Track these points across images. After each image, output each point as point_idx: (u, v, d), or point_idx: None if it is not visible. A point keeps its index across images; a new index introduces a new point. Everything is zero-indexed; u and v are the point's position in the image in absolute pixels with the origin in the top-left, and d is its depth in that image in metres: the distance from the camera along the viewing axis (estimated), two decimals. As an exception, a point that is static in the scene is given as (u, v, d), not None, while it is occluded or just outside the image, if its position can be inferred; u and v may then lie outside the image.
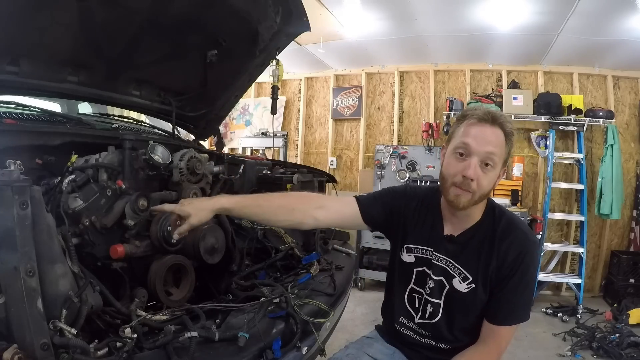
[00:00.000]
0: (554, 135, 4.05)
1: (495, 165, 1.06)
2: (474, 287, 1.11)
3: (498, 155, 1.06)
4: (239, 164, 1.83)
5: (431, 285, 1.17)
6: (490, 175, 1.07)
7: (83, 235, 1.17)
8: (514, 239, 1.10)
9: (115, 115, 2.26)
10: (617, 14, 3.09)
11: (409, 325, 1.23)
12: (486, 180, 1.06)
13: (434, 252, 1.18)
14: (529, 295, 1.14)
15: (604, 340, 2.89)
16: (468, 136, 1.06)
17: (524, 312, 1.11)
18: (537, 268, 1.19)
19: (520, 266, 1.08)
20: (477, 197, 1.07)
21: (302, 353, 1.09)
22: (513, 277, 1.08)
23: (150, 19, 1.59)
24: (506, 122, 1.08)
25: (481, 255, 1.11)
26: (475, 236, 1.14)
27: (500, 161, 1.07)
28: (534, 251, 1.13)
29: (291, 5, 1.79)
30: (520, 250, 1.08)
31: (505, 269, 1.08)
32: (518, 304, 1.10)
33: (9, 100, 1.58)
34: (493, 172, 1.07)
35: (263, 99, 5.55)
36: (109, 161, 1.30)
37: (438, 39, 4.00)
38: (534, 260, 1.13)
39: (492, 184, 1.08)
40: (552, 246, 4.09)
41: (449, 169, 1.09)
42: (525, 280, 1.09)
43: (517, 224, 1.14)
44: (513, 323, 1.11)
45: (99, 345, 0.86)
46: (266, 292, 1.24)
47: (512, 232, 1.11)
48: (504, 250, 1.09)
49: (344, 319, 2.17)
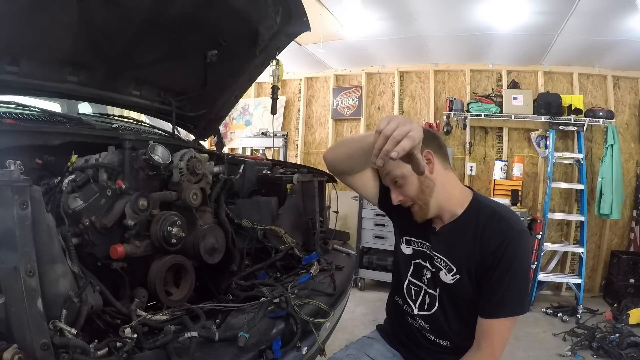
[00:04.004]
0: (554, 135, 4.05)
1: (403, 175, 1.09)
2: (459, 277, 1.11)
3: (398, 166, 1.08)
4: (239, 164, 1.83)
5: (428, 276, 1.20)
6: (407, 183, 1.10)
7: (83, 235, 1.17)
8: (496, 228, 1.08)
9: (115, 115, 2.26)
10: (617, 14, 3.09)
11: (411, 313, 1.23)
12: (409, 189, 1.10)
13: (426, 243, 1.20)
14: (519, 286, 1.07)
15: (604, 340, 2.89)
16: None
17: (515, 305, 1.06)
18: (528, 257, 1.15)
19: (503, 255, 1.04)
20: (422, 202, 1.11)
21: (302, 353, 1.09)
22: (498, 267, 1.05)
23: (150, 19, 1.58)
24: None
25: (465, 246, 1.11)
26: (458, 227, 1.14)
27: (404, 166, 1.04)
28: (521, 239, 1.07)
29: (291, 5, 1.79)
30: (503, 239, 1.05)
31: (487, 258, 1.06)
32: (507, 295, 1.05)
33: (9, 100, 1.58)
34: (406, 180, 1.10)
35: (263, 99, 5.55)
36: (109, 161, 1.29)
37: (438, 39, 4.00)
38: (521, 249, 1.07)
39: (416, 184, 1.10)
40: (552, 246, 4.09)
41: None
42: (513, 269, 1.04)
43: (501, 213, 1.11)
44: (504, 316, 1.05)
45: (99, 345, 0.86)
46: (266, 292, 1.24)
47: (495, 222, 1.09)
48: (486, 240, 1.07)
49: (344, 319, 2.17)
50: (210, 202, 1.57)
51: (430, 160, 1.11)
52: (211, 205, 1.57)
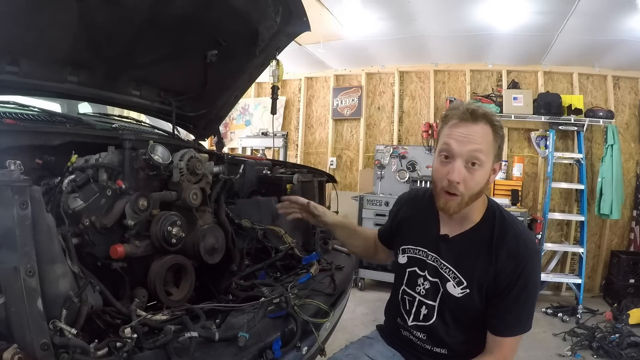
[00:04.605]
0: (554, 135, 4.05)
1: (483, 163, 1.03)
2: (469, 292, 1.07)
3: (484, 152, 1.03)
4: (239, 164, 1.82)
5: (426, 287, 1.15)
6: (478, 174, 1.04)
7: (83, 235, 1.17)
8: (513, 249, 1.05)
9: (115, 115, 2.26)
10: (617, 14, 3.09)
11: (405, 327, 1.22)
12: (474, 181, 1.04)
13: (427, 252, 1.16)
14: (531, 306, 1.08)
15: (604, 340, 2.89)
16: (450, 137, 1.05)
17: (526, 323, 1.08)
18: (540, 277, 1.15)
19: (519, 277, 1.03)
20: (466, 199, 1.05)
21: (302, 353, 1.09)
22: (513, 289, 1.03)
23: (150, 19, 1.58)
24: (490, 114, 1.06)
25: (478, 261, 1.07)
26: (472, 239, 1.10)
27: (488, 157, 1.04)
28: (536, 261, 1.07)
29: (291, 5, 1.79)
30: (519, 262, 1.03)
31: (503, 279, 1.04)
32: (520, 315, 1.06)
33: (9, 100, 1.58)
34: (481, 170, 1.04)
35: (263, 99, 5.55)
36: (109, 161, 1.29)
37: (438, 39, 4.00)
38: (535, 270, 1.07)
39: (482, 182, 1.05)
40: (552, 246, 4.09)
41: (436, 173, 1.09)
42: (527, 291, 1.04)
43: (517, 232, 1.07)
44: (518, 333, 1.07)
45: (99, 345, 0.86)
46: (266, 292, 1.24)
47: (511, 241, 1.06)
48: (502, 260, 1.04)
49: (344, 319, 2.16)
50: (210, 202, 1.57)
51: (496, 171, 1.10)
52: (211, 205, 1.57)
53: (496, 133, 1.06)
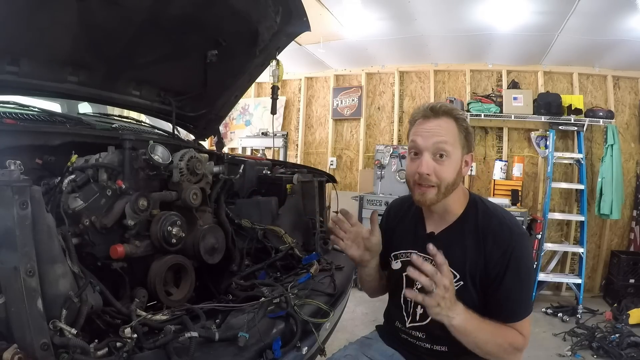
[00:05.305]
0: (554, 135, 4.05)
1: (450, 154, 1.07)
2: (463, 284, 1.08)
3: (450, 144, 1.07)
4: (239, 164, 1.83)
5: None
6: (447, 164, 1.07)
7: (83, 235, 1.17)
8: (498, 234, 1.07)
9: (115, 115, 2.26)
10: (617, 14, 3.09)
11: (404, 330, 1.23)
12: (446, 171, 1.07)
13: (418, 253, 1.15)
14: (528, 289, 1.10)
15: (604, 340, 2.89)
16: (416, 135, 1.11)
17: (527, 306, 1.08)
18: (531, 259, 1.15)
19: (509, 263, 1.04)
20: (443, 190, 1.08)
21: (302, 353, 1.09)
22: (505, 275, 1.04)
23: (150, 19, 1.58)
24: (450, 109, 1.11)
25: (467, 252, 1.09)
26: (457, 232, 1.12)
27: (455, 148, 1.08)
28: (523, 244, 1.08)
29: (291, 5, 1.79)
30: (507, 247, 1.05)
31: (493, 267, 1.05)
32: (519, 300, 1.06)
33: (9, 100, 1.58)
34: (449, 160, 1.08)
35: (263, 99, 5.55)
36: (109, 161, 1.29)
37: (438, 39, 4.00)
38: (525, 253, 1.08)
39: (453, 172, 1.08)
40: (552, 246, 4.09)
41: (408, 170, 1.14)
42: (521, 275, 1.05)
43: (500, 217, 1.10)
44: (519, 319, 1.07)
45: (99, 345, 0.86)
46: (266, 292, 1.24)
47: (495, 227, 1.08)
48: (490, 248, 1.06)
49: (344, 319, 2.16)
50: (210, 202, 1.57)
51: (468, 163, 1.13)
52: (211, 205, 1.57)
53: (460, 125, 1.10)
